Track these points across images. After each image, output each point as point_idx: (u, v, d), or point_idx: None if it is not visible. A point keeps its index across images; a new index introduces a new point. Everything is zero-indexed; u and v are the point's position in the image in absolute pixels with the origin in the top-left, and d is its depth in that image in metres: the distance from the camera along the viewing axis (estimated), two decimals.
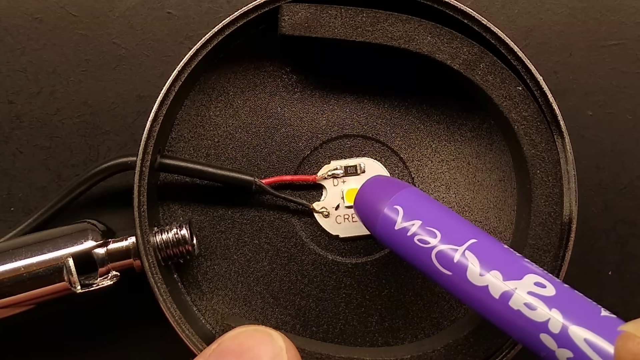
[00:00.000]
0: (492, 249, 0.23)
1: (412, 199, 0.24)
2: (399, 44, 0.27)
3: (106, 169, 0.28)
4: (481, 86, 0.27)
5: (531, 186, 0.26)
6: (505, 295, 0.21)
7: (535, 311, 0.21)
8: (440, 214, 0.24)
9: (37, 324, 0.30)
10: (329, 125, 0.29)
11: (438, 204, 0.24)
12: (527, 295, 0.21)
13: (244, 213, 0.29)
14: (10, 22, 0.30)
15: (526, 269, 0.22)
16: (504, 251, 0.23)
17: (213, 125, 0.29)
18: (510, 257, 0.22)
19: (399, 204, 0.24)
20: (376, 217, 0.24)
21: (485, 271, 0.22)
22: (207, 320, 0.28)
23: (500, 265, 0.22)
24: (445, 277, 0.23)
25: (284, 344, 0.22)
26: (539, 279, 0.21)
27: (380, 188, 0.25)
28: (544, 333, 0.20)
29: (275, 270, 0.29)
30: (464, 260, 0.22)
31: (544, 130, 0.26)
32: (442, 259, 0.23)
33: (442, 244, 0.23)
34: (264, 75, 0.29)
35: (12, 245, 0.27)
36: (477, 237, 0.23)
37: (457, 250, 0.22)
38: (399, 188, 0.25)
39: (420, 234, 0.23)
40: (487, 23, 0.27)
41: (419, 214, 0.24)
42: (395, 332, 0.28)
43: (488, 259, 0.22)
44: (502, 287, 0.21)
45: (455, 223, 0.23)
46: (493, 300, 0.22)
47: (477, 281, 0.22)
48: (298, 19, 0.27)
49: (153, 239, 0.27)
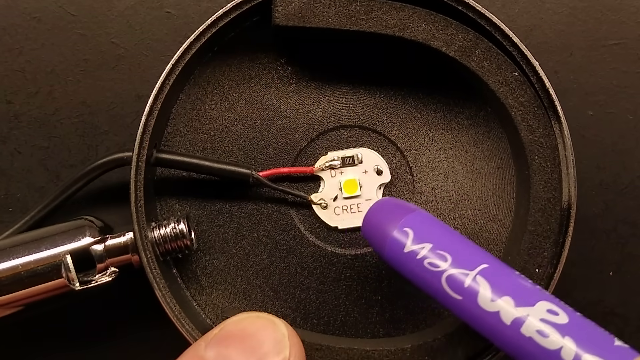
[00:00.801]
0: (503, 274, 0.22)
1: (422, 221, 0.24)
2: (394, 32, 0.27)
3: (102, 164, 0.27)
4: (477, 73, 0.26)
5: (529, 172, 0.26)
6: (516, 322, 0.21)
7: (548, 339, 0.20)
8: (450, 237, 0.24)
9: (36, 322, 0.30)
10: (325, 116, 0.29)
11: (448, 228, 0.24)
12: (540, 323, 0.21)
13: (242, 206, 0.29)
14: (9, 22, 0.30)
15: (538, 295, 0.21)
16: (516, 277, 0.22)
17: (209, 119, 0.29)
18: (522, 283, 0.22)
19: (409, 226, 0.24)
20: (385, 240, 0.24)
21: (497, 297, 0.22)
22: (207, 315, 0.28)
23: (512, 291, 0.22)
24: (456, 302, 0.22)
25: (287, 330, 0.22)
26: (551, 306, 0.21)
27: (389, 210, 0.25)
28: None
29: (275, 263, 0.29)
30: (475, 285, 0.22)
31: (541, 116, 0.26)
32: (452, 284, 0.22)
33: (453, 268, 0.22)
34: (259, 67, 0.29)
35: (9, 244, 0.27)
36: (489, 262, 0.22)
37: (468, 274, 0.22)
38: (409, 211, 0.24)
39: (430, 257, 0.23)
40: (482, 9, 0.27)
41: (429, 237, 0.23)
42: (396, 322, 0.28)
43: (500, 285, 0.22)
44: (514, 314, 0.21)
45: (466, 247, 0.23)
46: (504, 326, 0.21)
47: (488, 307, 0.22)
48: (291, 9, 0.27)
49: (151, 234, 0.27)
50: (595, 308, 0.30)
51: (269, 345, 0.22)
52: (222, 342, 0.22)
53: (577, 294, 0.30)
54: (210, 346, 0.22)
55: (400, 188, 0.29)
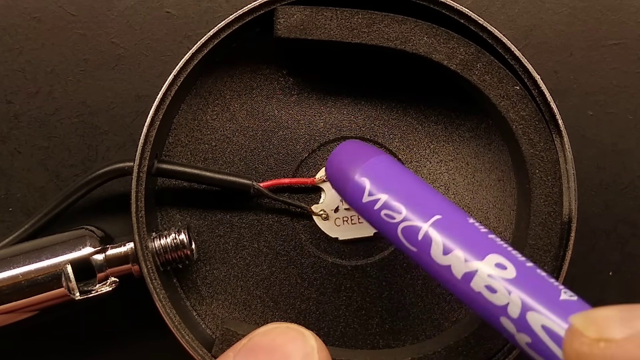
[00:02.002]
0: (456, 225, 0.22)
1: (379, 170, 0.24)
2: (395, 45, 0.27)
3: (103, 174, 0.27)
4: (478, 86, 0.26)
5: (530, 186, 0.26)
6: (466, 276, 0.21)
7: (495, 294, 0.20)
8: (407, 186, 0.23)
9: (36, 331, 0.30)
10: (327, 128, 0.29)
11: (407, 174, 0.24)
12: (488, 278, 0.20)
13: (243, 217, 0.29)
14: (9, 22, 0.30)
15: (489, 247, 0.21)
16: (469, 228, 0.22)
17: (210, 129, 0.29)
18: (475, 234, 0.22)
19: (366, 175, 0.23)
20: (345, 189, 0.24)
21: (448, 250, 0.21)
22: (207, 325, 0.28)
23: (463, 244, 0.21)
24: (412, 254, 0.22)
25: (316, 343, 0.22)
26: (500, 259, 0.21)
27: (349, 157, 0.24)
28: (503, 317, 0.20)
29: (275, 274, 0.29)
30: (428, 238, 0.22)
31: (543, 130, 0.26)
32: (407, 235, 0.22)
33: (407, 220, 0.22)
34: (261, 78, 0.29)
35: (9, 253, 0.27)
36: (443, 212, 0.22)
37: (422, 227, 0.22)
38: (367, 157, 0.24)
39: (385, 209, 0.23)
40: (484, 22, 0.27)
41: (385, 187, 0.23)
42: (396, 334, 0.28)
43: (451, 237, 0.21)
44: (464, 269, 0.21)
45: (422, 197, 0.23)
46: (456, 280, 0.21)
47: (441, 260, 0.21)
48: (293, 22, 0.27)
49: (151, 245, 0.27)
50: None
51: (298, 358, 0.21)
52: (250, 354, 0.22)
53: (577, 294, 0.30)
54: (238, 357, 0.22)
55: None
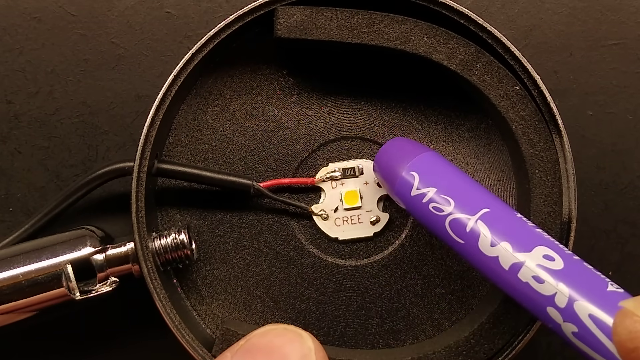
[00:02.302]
0: (504, 218, 0.23)
1: (429, 164, 0.24)
2: (395, 45, 0.27)
3: (103, 174, 0.28)
4: (478, 86, 0.26)
5: (530, 186, 0.26)
6: (514, 267, 0.21)
7: (543, 284, 0.21)
8: (455, 180, 0.24)
9: (36, 331, 0.30)
10: (327, 128, 0.29)
11: (455, 170, 0.24)
12: (536, 268, 0.21)
13: (243, 217, 0.29)
14: (9, 22, 0.30)
15: (537, 240, 0.22)
16: (517, 221, 0.23)
17: (210, 129, 0.29)
18: (522, 227, 0.22)
19: (415, 169, 0.24)
20: (394, 182, 0.24)
21: (496, 242, 0.22)
22: (207, 325, 0.28)
23: (511, 236, 0.22)
24: (459, 246, 0.23)
25: (313, 344, 0.22)
26: (548, 251, 0.21)
27: (399, 151, 0.25)
28: (550, 307, 0.21)
29: (275, 274, 0.29)
30: (476, 230, 0.22)
31: (542, 130, 0.26)
32: (455, 228, 0.23)
33: (456, 212, 0.23)
34: (261, 78, 0.29)
35: (10, 253, 0.27)
36: (491, 205, 0.23)
37: (470, 219, 0.23)
38: (417, 152, 0.25)
39: (434, 202, 0.23)
40: (484, 23, 0.27)
41: (435, 180, 0.24)
42: (396, 334, 0.28)
43: (499, 229, 0.22)
44: (511, 259, 0.22)
45: (470, 190, 0.24)
46: (503, 271, 0.22)
47: (488, 251, 0.22)
48: (293, 22, 0.27)
49: (152, 244, 0.27)
50: None
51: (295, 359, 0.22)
52: (248, 355, 0.22)
53: None
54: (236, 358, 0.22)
55: None
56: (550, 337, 0.30)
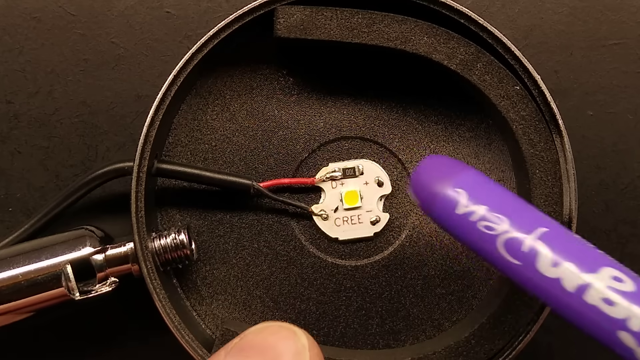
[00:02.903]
0: (564, 238, 0.21)
1: (476, 181, 0.23)
2: (395, 45, 0.27)
3: (103, 174, 0.27)
4: (478, 86, 0.26)
5: (530, 186, 0.26)
6: (580, 289, 0.20)
7: (613, 307, 0.19)
8: (507, 198, 0.22)
9: (35, 331, 0.30)
10: (327, 128, 0.29)
11: (503, 188, 0.23)
12: (605, 290, 0.20)
13: (243, 217, 0.29)
14: (8, 22, 0.30)
15: (602, 261, 0.20)
16: (578, 241, 0.21)
17: (210, 129, 0.29)
18: (585, 247, 0.21)
19: (462, 186, 0.22)
20: (434, 199, 0.23)
21: (559, 262, 0.20)
22: (207, 325, 0.28)
23: (575, 256, 0.20)
24: (513, 267, 0.21)
25: (307, 341, 0.22)
26: (616, 272, 0.20)
27: (440, 168, 0.24)
28: (622, 330, 0.19)
29: (275, 274, 0.29)
30: (535, 250, 0.21)
31: (543, 130, 0.26)
32: (509, 248, 0.21)
33: (510, 231, 0.21)
34: (261, 78, 0.29)
35: (9, 253, 0.27)
36: (549, 225, 0.21)
37: (527, 238, 0.21)
38: (461, 169, 0.23)
39: (485, 220, 0.22)
40: (484, 22, 0.27)
41: (484, 198, 0.22)
42: (396, 334, 0.28)
43: (561, 249, 0.21)
44: (577, 281, 0.20)
45: (524, 209, 0.22)
46: (566, 294, 0.20)
47: (549, 273, 0.20)
48: (293, 22, 0.27)
49: (151, 245, 0.27)
50: None
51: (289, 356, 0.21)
52: (242, 352, 0.22)
53: None
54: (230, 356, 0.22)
55: (402, 200, 0.29)
56: (550, 338, 0.30)
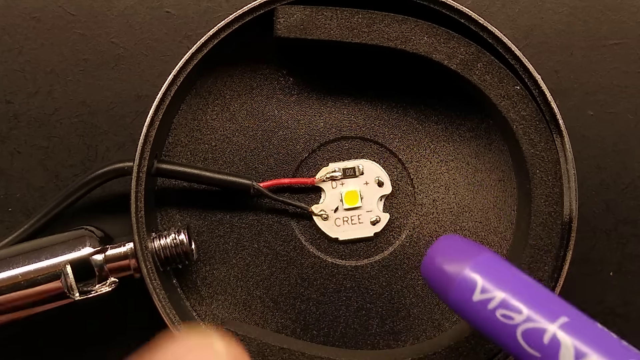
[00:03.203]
0: (587, 327, 0.20)
1: (493, 266, 0.22)
2: (396, 45, 0.27)
3: (103, 174, 0.27)
4: (479, 86, 0.26)
5: (531, 186, 0.26)
6: None
7: None
8: (524, 286, 0.21)
9: (35, 331, 0.30)
10: (327, 128, 0.29)
11: (521, 273, 0.22)
12: None
13: (243, 217, 0.29)
14: (8, 21, 0.30)
15: (627, 353, 0.20)
16: (599, 331, 0.20)
17: (210, 129, 0.29)
18: (607, 338, 0.20)
19: (478, 271, 0.21)
20: (450, 284, 0.22)
21: (582, 355, 0.19)
22: (207, 326, 0.28)
23: (599, 348, 0.20)
24: (532, 358, 0.20)
25: (223, 347, 0.19)
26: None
27: (456, 250, 0.23)
28: None
29: (275, 274, 0.29)
30: (556, 342, 0.20)
31: (543, 130, 0.26)
32: (529, 338, 0.20)
33: (530, 321, 0.20)
34: (261, 78, 0.29)
35: (9, 253, 0.27)
36: (569, 314, 0.20)
37: (548, 329, 0.20)
38: (477, 253, 0.22)
39: (503, 308, 0.21)
40: (484, 22, 0.27)
41: (502, 284, 0.21)
42: (396, 334, 0.28)
43: (584, 342, 0.20)
44: None
45: (544, 297, 0.21)
46: None
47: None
48: (293, 21, 0.27)
49: (151, 245, 0.27)
50: (596, 308, 0.30)
51: None
52: None
53: (577, 294, 0.30)
54: None
55: (402, 200, 0.29)
56: None
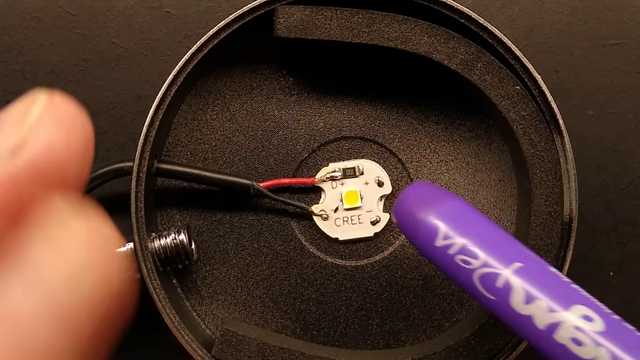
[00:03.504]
0: (539, 274, 0.21)
1: (455, 212, 0.23)
2: (396, 45, 0.27)
3: (103, 174, 0.27)
4: (479, 86, 0.26)
5: (531, 186, 0.26)
6: (550, 327, 0.20)
7: (582, 347, 0.19)
8: (484, 232, 0.22)
9: None
10: (327, 128, 0.29)
11: (483, 218, 0.23)
12: (574, 330, 0.20)
13: (243, 217, 0.29)
14: (8, 21, 0.30)
15: (574, 297, 0.20)
16: (551, 276, 0.21)
17: (210, 129, 0.29)
18: (558, 283, 0.21)
19: (441, 218, 0.22)
20: (416, 231, 0.23)
21: (531, 300, 0.20)
22: (207, 326, 0.28)
23: (547, 294, 0.20)
24: (489, 301, 0.21)
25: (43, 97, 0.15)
26: (587, 310, 0.20)
27: (422, 198, 0.24)
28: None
29: (275, 274, 0.29)
30: (508, 287, 0.21)
31: (543, 130, 0.26)
32: (485, 283, 0.21)
33: (486, 266, 0.21)
34: (261, 78, 0.29)
35: None
36: (524, 259, 0.21)
37: (501, 274, 0.21)
38: (441, 200, 0.23)
39: (461, 254, 0.22)
40: (484, 22, 0.27)
41: (461, 231, 0.22)
42: (396, 334, 0.28)
43: (534, 286, 0.21)
44: (547, 319, 0.20)
45: (500, 242, 0.22)
46: (538, 331, 0.20)
47: (522, 310, 0.21)
48: (293, 21, 0.27)
49: (151, 245, 0.27)
50: None
51: None
52: None
53: None
54: None
55: None
56: None
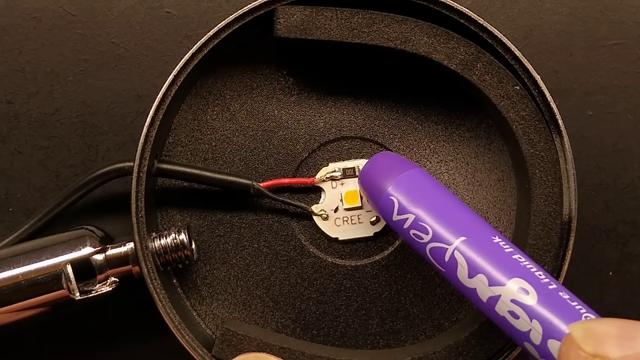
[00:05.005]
0: (481, 246, 0.22)
1: (409, 186, 0.24)
2: (395, 45, 0.27)
3: (103, 174, 0.28)
4: (478, 86, 0.26)
5: (530, 186, 0.26)
6: (491, 300, 0.21)
7: (518, 320, 0.20)
8: (435, 205, 0.23)
9: (36, 331, 0.30)
10: (327, 128, 0.29)
11: (436, 191, 0.24)
12: (511, 303, 0.21)
13: (243, 217, 0.29)
14: (8, 22, 0.30)
15: (513, 270, 0.21)
16: (494, 249, 0.22)
17: (210, 129, 0.29)
18: (500, 256, 0.22)
19: (396, 192, 0.24)
20: (377, 204, 0.24)
21: (473, 273, 0.22)
22: (207, 325, 0.28)
23: (487, 268, 0.21)
24: (442, 273, 0.23)
25: None
26: (523, 283, 0.21)
27: (381, 170, 0.25)
28: (527, 342, 0.20)
29: (275, 274, 0.29)
30: (454, 260, 0.22)
31: (543, 130, 0.26)
32: (435, 256, 0.23)
33: (434, 241, 0.23)
34: (261, 78, 0.29)
35: (9, 253, 0.27)
36: (468, 232, 0.22)
37: (447, 249, 0.22)
38: (398, 172, 0.24)
39: (414, 229, 0.23)
40: (484, 22, 0.27)
41: (414, 205, 0.23)
42: (396, 334, 0.28)
43: (475, 260, 0.22)
44: (488, 293, 0.21)
45: (449, 216, 0.23)
46: (482, 303, 0.22)
47: (467, 283, 0.22)
48: (293, 22, 0.27)
49: (151, 245, 0.27)
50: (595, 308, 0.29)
51: None
52: None
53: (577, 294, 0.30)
54: None
55: None
56: None
